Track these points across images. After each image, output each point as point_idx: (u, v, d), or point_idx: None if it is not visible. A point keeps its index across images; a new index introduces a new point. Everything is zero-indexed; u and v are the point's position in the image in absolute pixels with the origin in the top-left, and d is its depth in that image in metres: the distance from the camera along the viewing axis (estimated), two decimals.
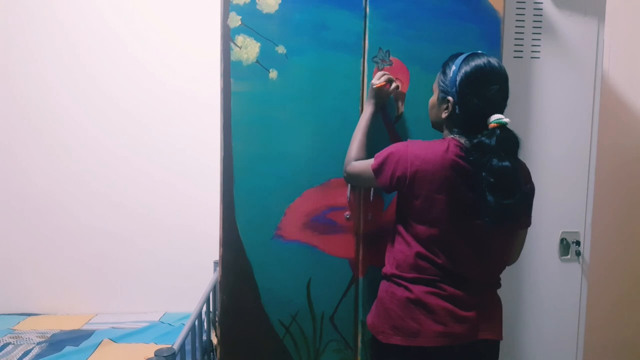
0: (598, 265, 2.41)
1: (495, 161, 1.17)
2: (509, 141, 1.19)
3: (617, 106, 2.51)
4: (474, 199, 1.22)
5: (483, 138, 1.20)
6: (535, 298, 1.91)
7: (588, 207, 1.93)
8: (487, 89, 1.23)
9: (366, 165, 1.38)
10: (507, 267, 1.39)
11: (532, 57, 1.87)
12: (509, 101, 1.29)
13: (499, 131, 1.19)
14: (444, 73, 1.31)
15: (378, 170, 1.32)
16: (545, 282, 1.92)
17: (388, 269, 1.37)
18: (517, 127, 1.80)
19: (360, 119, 1.52)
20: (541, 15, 1.86)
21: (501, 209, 1.17)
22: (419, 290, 1.27)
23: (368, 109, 1.51)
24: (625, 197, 2.55)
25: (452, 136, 1.29)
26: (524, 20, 1.85)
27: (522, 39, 1.86)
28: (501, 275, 1.38)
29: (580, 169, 1.92)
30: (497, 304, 1.37)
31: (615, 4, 2.27)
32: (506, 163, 1.17)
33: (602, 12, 1.89)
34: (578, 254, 1.93)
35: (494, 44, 1.59)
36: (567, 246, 1.93)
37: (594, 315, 2.31)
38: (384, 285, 1.38)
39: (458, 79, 1.25)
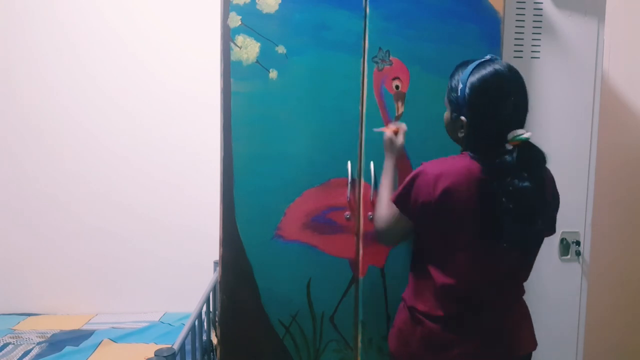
0: (598, 265, 2.41)
1: (516, 182, 1.07)
2: (531, 159, 1.10)
3: (617, 106, 2.51)
4: (497, 220, 1.11)
5: (506, 156, 1.09)
6: (535, 298, 1.90)
7: (588, 207, 1.93)
8: (498, 106, 1.12)
9: (391, 209, 1.25)
10: None
11: (532, 57, 1.87)
12: None
13: (519, 149, 1.09)
14: (452, 89, 1.21)
15: (402, 201, 1.21)
16: (545, 282, 1.92)
17: (409, 298, 1.28)
18: None
19: (383, 176, 1.40)
20: (541, 15, 1.86)
21: (521, 236, 1.10)
22: (437, 327, 1.20)
23: (388, 163, 1.41)
24: (625, 197, 2.55)
25: (472, 154, 1.18)
26: (524, 20, 1.85)
27: (522, 39, 1.86)
28: None
29: (580, 169, 1.92)
30: (524, 314, 1.29)
31: (615, 4, 2.27)
32: (526, 184, 1.07)
33: (602, 12, 1.89)
34: (578, 254, 1.93)
35: (494, 44, 1.59)
36: (567, 246, 1.93)
37: (594, 315, 2.30)
38: (403, 313, 1.30)
39: (467, 97, 1.14)
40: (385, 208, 1.30)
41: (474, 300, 1.20)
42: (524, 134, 1.10)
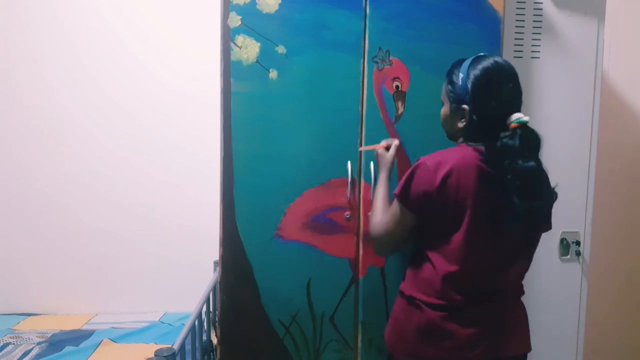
0: (598, 265, 2.41)
1: (520, 162, 1.13)
2: (531, 140, 1.16)
3: (617, 106, 2.51)
4: (499, 204, 1.16)
5: (505, 140, 1.15)
6: (535, 298, 1.91)
7: (588, 207, 1.93)
8: (500, 90, 1.19)
9: (389, 212, 1.29)
10: None
11: (532, 57, 1.87)
12: None
13: (520, 131, 1.15)
14: (452, 82, 1.27)
15: (404, 194, 1.24)
16: (545, 282, 1.92)
17: (408, 288, 1.29)
18: None
19: (377, 187, 1.43)
20: (541, 15, 1.86)
21: (529, 211, 1.14)
22: (436, 315, 1.22)
23: (382, 175, 1.44)
24: (625, 197, 2.55)
25: (469, 143, 1.24)
26: (524, 20, 1.85)
27: (522, 39, 1.86)
28: None
29: (580, 169, 1.92)
30: (521, 314, 1.33)
31: (615, 4, 2.27)
32: (532, 163, 1.13)
33: (602, 12, 1.89)
34: (578, 254, 1.93)
35: (494, 44, 1.59)
36: (567, 246, 1.93)
37: (594, 315, 2.31)
38: (400, 303, 1.32)
39: (469, 85, 1.20)
40: (381, 213, 1.33)
41: (475, 291, 1.22)
42: (524, 117, 1.17)
